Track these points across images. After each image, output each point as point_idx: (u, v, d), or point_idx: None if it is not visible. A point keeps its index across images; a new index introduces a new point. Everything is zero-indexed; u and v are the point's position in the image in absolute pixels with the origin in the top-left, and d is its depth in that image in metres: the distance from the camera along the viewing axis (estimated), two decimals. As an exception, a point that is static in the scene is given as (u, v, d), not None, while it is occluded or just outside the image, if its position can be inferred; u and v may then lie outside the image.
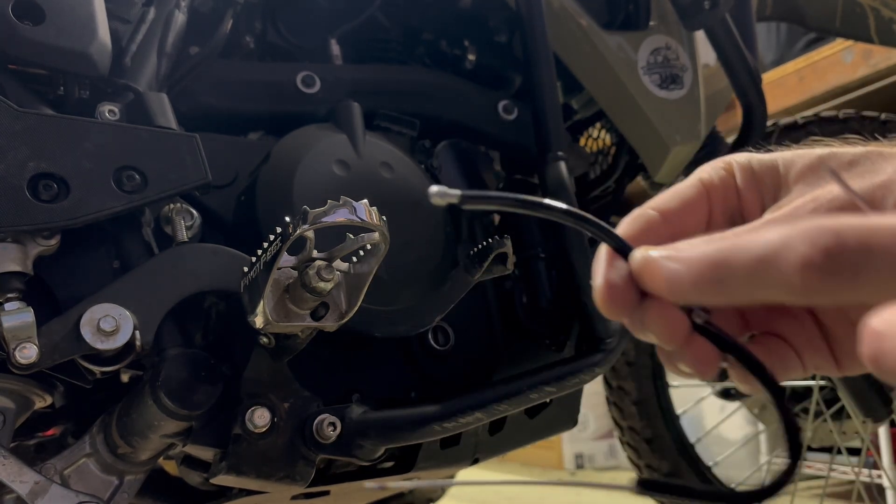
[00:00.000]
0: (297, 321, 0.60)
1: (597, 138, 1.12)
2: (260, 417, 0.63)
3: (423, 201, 0.80)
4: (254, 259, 0.58)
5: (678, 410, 1.48)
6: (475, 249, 0.70)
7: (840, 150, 0.33)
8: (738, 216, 0.36)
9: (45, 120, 0.61)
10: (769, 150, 0.36)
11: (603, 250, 0.31)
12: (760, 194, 0.35)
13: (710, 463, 1.47)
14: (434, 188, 0.29)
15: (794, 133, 1.27)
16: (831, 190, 0.31)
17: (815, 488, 1.77)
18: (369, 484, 0.34)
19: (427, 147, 0.88)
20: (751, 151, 0.36)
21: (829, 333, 0.35)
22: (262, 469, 0.63)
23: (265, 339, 0.64)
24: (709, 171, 0.35)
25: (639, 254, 0.29)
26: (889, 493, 1.61)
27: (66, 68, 0.65)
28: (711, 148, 1.04)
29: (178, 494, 0.79)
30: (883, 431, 1.64)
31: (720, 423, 1.71)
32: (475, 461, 0.79)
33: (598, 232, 0.31)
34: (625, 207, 1.10)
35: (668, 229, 0.33)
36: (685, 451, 1.45)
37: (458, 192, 0.29)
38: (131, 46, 0.71)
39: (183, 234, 0.67)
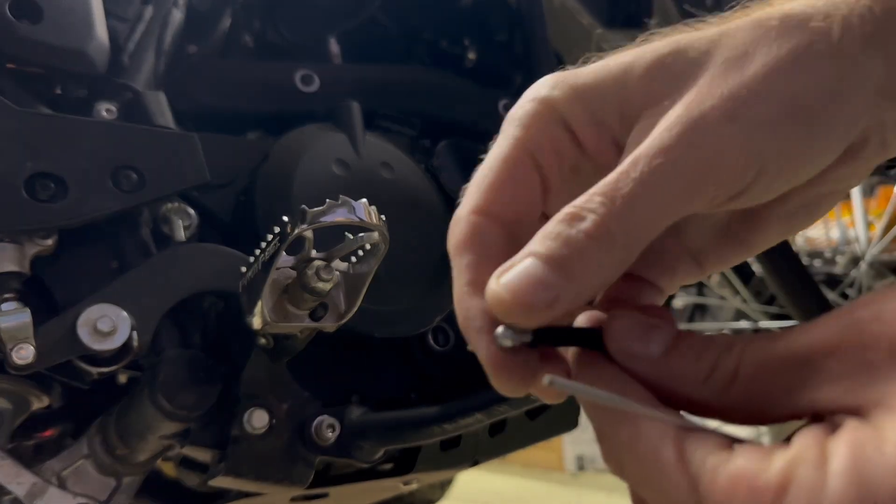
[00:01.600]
0: (296, 322, 0.59)
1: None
2: (258, 419, 0.63)
3: (423, 201, 0.79)
4: (252, 259, 0.58)
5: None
6: (475, 249, 0.70)
7: (687, 38, 0.26)
8: (583, 163, 0.28)
9: (42, 119, 0.61)
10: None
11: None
12: (605, 127, 0.27)
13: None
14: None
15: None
16: (703, 95, 0.24)
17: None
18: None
19: (427, 146, 0.87)
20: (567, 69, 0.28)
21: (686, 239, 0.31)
22: (260, 471, 0.63)
23: (264, 340, 0.64)
24: (522, 120, 0.28)
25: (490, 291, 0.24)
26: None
27: (63, 67, 0.64)
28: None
29: (177, 496, 0.79)
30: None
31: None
32: (475, 463, 0.78)
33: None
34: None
35: (501, 228, 0.27)
36: (687, 452, 1.45)
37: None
38: (129, 45, 0.71)
39: (181, 234, 0.66)
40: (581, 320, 0.28)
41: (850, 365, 0.21)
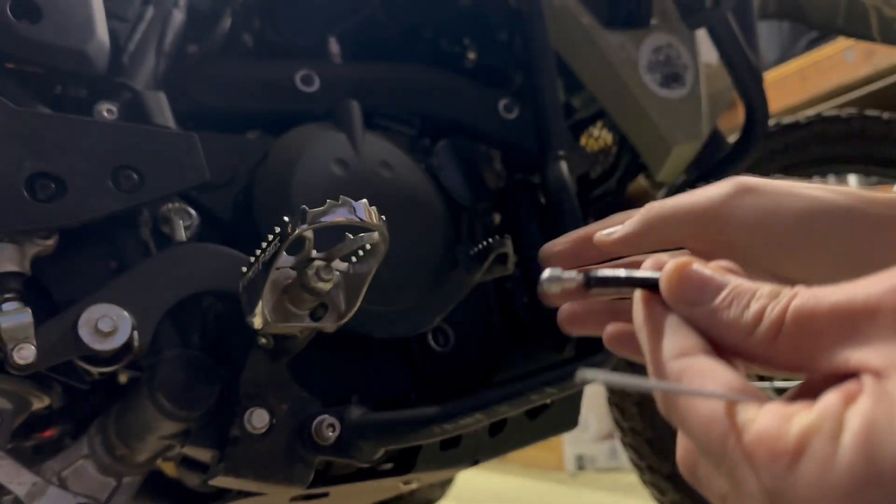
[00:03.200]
0: (296, 322, 0.59)
1: (598, 137, 1.12)
2: (258, 419, 0.63)
3: (423, 201, 0.79)
4: (252, 259, 0.58)
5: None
6: (476, 249, 0.70)
7: None
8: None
9: (42, 119, 0.61)
10: None
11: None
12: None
13: (711, 463, 1.47)
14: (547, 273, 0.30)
15: (796, 132, 1.26)
16: None
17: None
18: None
19: (427, 146, 0.87)
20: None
21: None
22: (260, 471, 0.63)
23: (264, 340, 0.64)
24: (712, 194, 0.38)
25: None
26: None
27: (63, 67, 0.64)
28: (713, 147, 1.04)
29: (177, 496, 0.79)
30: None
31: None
32: (475, 462, 0.78)
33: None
34: (626, 207, 1.09)
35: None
36: (687, 452, 1.44)
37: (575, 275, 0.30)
38: (129, 45, 0.71)
39: (181, 234, 0.66)
40: (648, 264, 0.30)
41: (884, 328, 0.22)
